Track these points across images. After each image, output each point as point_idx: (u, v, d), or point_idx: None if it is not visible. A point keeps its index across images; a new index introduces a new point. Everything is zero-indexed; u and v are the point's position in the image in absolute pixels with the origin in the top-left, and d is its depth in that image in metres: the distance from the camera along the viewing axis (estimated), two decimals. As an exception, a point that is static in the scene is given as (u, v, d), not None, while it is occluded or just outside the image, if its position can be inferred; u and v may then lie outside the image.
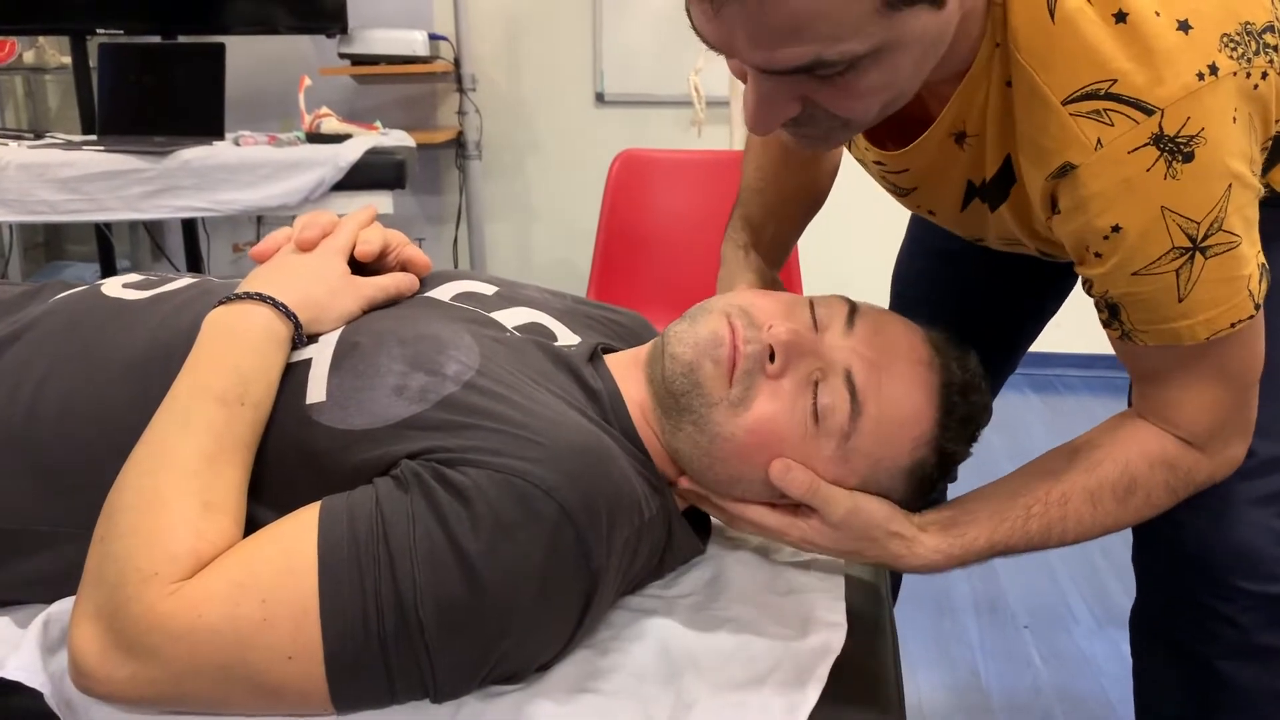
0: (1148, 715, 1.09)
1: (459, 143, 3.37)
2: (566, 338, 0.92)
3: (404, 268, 0.92)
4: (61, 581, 0.74)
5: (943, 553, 0.82)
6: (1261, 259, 0.77)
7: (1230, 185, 0.71)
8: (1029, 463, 0.88)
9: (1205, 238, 0.72)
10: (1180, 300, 0.75)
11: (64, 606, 0.73)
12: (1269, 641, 0.94)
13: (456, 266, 3.57)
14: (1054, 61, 0.72)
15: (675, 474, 0.85)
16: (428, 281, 0.94)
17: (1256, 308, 0.77)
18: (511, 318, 0.91)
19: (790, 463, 0.79)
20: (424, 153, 3.10)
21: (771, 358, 0.79)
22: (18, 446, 0.78)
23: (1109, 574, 2.08)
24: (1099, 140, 0.71)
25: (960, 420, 0.84)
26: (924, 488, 0.85)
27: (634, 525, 0.76)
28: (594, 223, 2.51)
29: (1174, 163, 0.70)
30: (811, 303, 0.84)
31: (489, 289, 0.96)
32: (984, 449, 0.91)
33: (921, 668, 1.79)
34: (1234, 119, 0.71)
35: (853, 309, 0.84)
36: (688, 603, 0.85)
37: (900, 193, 0.98)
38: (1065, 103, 0.72)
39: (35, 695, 0.69)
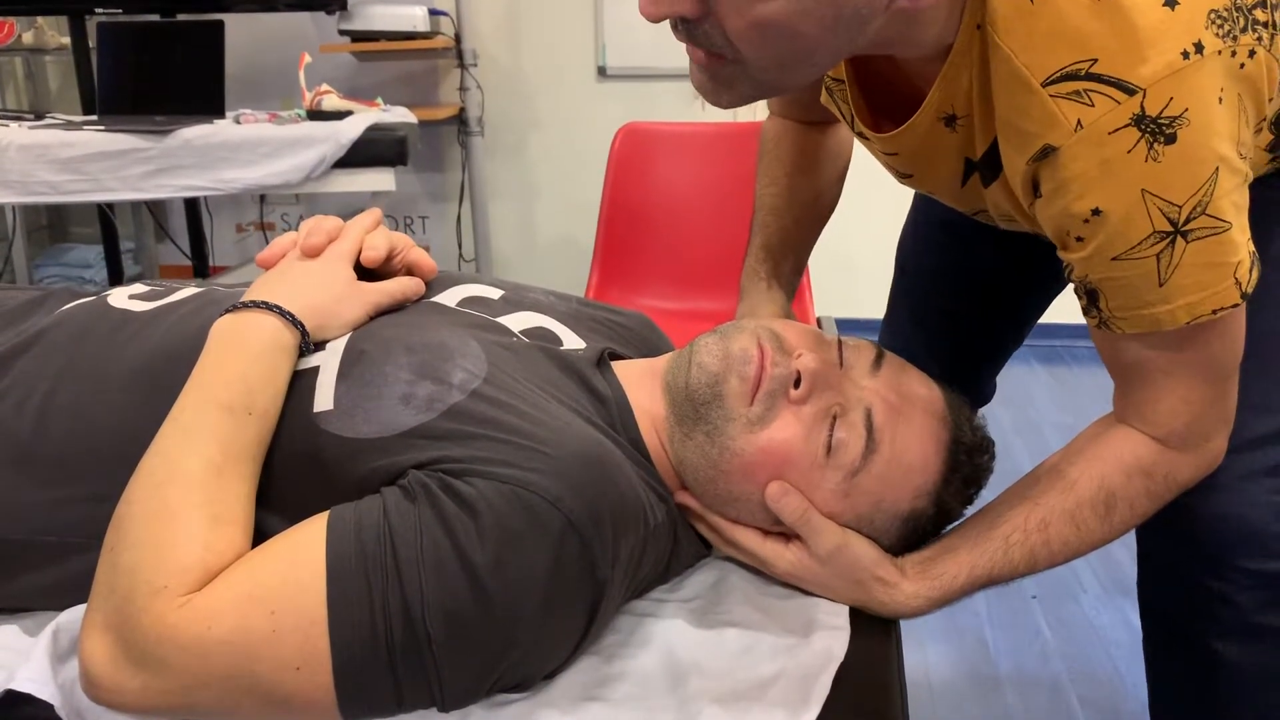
0: (1155, 689, 1.08)
1: (461, 119, 3.36)
2: (572, 342, 0.92)
3: (409, 271, 0.92)
4: (70, 591, 0.75)
5: (923, 597, 0.82)
6: (1251, 248, 0.75)
7: (1216, 169, 0.70)
8: (1007, 490, 0.88)
9: (1187, 222, 0.70)
10: (1160, 285, 0.73)
11: (73, 616, 0.73)
12: (1268, 621, 0.92)
13: (460, 245, 3.57)
14: (1033, 43, 0.71)
15: (677, 486, 0.86)
16: (433, 285, 0.93)
17: (1243, 297, 0.74)
18: (517, 322, 0.91)
19: (787, 486, 0.80)
20: (426, 130, 3.08)
21: (797, 384, 0.80)
22: (25, 458, 0.78)
23: (1117, 543, 2.08)
24: (1079, 121, 0.69)
25: (963, 479, 0.85)
26: (914, 539, 0.85)
27: (640, 534, 0.77)
28: (597, 198, 2.50)
29: (1156, 144, 0.68)
30: (840, 342, 0.86)
31: (495, 293, 0.96)
32: (991, 423, 0.90)
33: (929, 638, 1.79)
34: (1220, 99, 0.69)
35: (880, 354, 0.86)
36: (692, 606, 0.85)
37: (900, 176, 0.97)
38: (1045, 84, 0.70)
39: (46, 705, 0.69)
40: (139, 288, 0.93)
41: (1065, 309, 1.30)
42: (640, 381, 0.87)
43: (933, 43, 0.76)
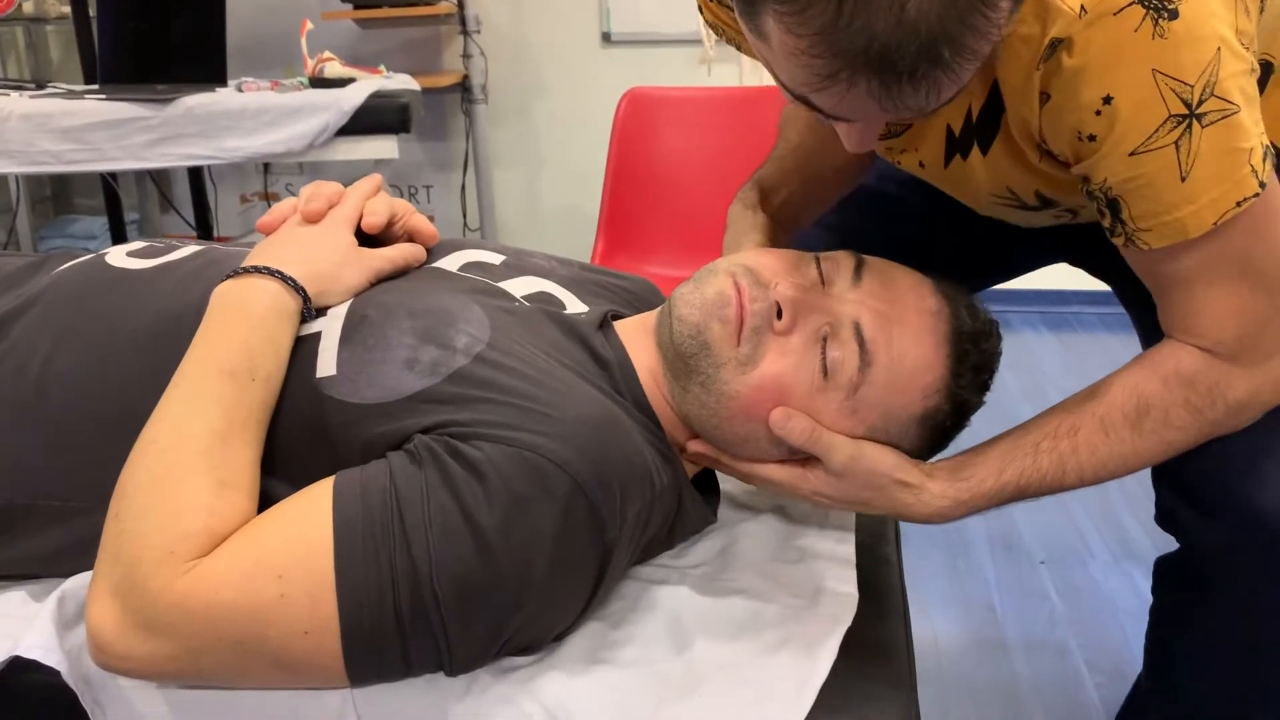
0: (1173, 674, 1.03)
1: (464, 86, 3.33)
2: (575, 306, 0.91)
3: (410, 238, 0.92)
4: (75, 556, 0.75)
5: (950, 498, 0.81)
6: (1265, 139, 0.73)
7: (1219, 49, 0.69)
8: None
9: (1200, 103, 0.69)
10: (1183, 180, 0.71)
11: (79, 582, 0.74)
12: None
13: (465, 214, 3.55)
14: None
15: (686, 438, 0.85)
16: (435, 251, 0.93)
17: (1262, 185, 0.72)
18: (520, 287, 0.90)
19: (790, 410, 0.79)
20: (429, 98, 3.06)
21: (779, 315, 0.79)
22: (28, 421, 0.78)
23: (1124, 508, 2.08)
24: (1083, 7, 0.69)
25: (973, 368, 0.83)
26: (937, 436, 0.84)
27: (646, 497, 0.76)
28: (602, 164, 2.48)
29: (1160, 20, 0.68)
30: (818, 259, 0.83)
31: (496, 258, 0.95)
32: (999, 389, 0.89)
33: (937, 605, 1.80)
34: None
35: (859, 262, 0.83)
36: (699, 573, 0.85)
37: (892, 133, 0.94)
38: None
39: (53, 671, 0.69)
40: (137, 245, 0.92)
41: (1073, 275, 1.28)
42: (639, 339, 0.87)
43: None
